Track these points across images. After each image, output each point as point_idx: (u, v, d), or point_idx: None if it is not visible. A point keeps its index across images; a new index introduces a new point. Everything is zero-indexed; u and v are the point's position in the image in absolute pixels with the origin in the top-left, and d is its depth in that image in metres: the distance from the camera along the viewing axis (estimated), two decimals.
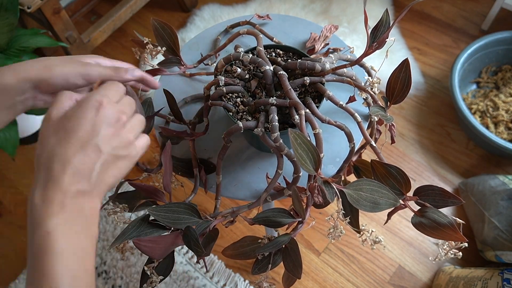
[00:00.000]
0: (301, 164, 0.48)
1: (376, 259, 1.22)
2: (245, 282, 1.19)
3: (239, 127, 0.55)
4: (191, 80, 0.77)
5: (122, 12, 1.52)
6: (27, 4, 1.17)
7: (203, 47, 0.82)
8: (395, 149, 1.41)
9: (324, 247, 1.25)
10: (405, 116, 1.47)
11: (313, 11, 1.74)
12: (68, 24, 1.34)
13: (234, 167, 0.67)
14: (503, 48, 1.43)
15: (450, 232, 0.49)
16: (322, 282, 1.20)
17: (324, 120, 0.57)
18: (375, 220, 1.28)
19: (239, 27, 0.83)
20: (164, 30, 0.63)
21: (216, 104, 0.59)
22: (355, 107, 0.69)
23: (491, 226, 1.10)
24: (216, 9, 1.80)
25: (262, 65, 0.58)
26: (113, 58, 0.51)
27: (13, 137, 1.25)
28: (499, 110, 1.36)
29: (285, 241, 0.53)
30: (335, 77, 0.63)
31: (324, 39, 0.77)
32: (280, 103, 0.56)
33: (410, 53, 1.61)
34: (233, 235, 1.29)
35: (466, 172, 1.34)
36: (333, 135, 0.68)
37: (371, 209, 0.48)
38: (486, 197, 1.16)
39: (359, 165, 0.64)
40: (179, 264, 1.23)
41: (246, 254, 0.57)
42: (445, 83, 1.53)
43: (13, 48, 1.19)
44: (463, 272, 1.08)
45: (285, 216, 0.54)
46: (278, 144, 0.54)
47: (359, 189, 0.49)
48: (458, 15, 1.71)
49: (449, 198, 0.51)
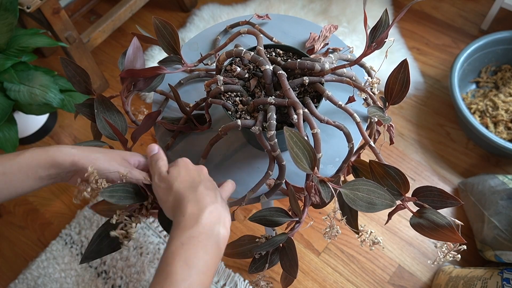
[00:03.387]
0: (296, 163, 0.48)
1: (376, 259, 1.22)
2: (244, 282, 1.19)
3: (237, 124, 0.55)
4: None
5: (121, 12, 1.52)
6: (27, 4, 1.17)
7: (202, 46, 0.82)
8: (395, 149, 1.41)
9: (324, 247, 1.25)
10: (404, 116, 1.47)
11: (313, 11, 1.74)
12: (67, 24, 1.34)
13: (233, 166, 0.67)
14: (502, 48, 1.43)
15: (448, 233, 0.49)
16: (322, 282, 1.20)
17: (323, 120, 0.57)
18: (375, 220, 1.28)
19: (239, 27, 0.83)
20: (165, 28, 0.64)
21: (215, 103, 0.59)
22: (355, 108, 0.69)
23: (490, 226, 1.10)
24: (216, 9, 1.80)
25: (262, 64, 0.58)
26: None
27: (13, 137, 1.25)
28: (498, 110, 1.36)
29: (281, 240, 0.53)
30: (335, 77, 0.63)
31: (323, 39, 0.77)
32: (278, 103, 0.56)
33: (410, 53, 1.61)
34: (233, 235, 1.29)
35: (465, 172, 1.34)
36: (333, 135, 0.68)
37: (367, 209, 0.48)
38: (485, 197, 1.16)
39: (358, 165, 0.64)
40: None
41: (244, 253, 0.57)
42: (444, 83, 1.53)
43: (13, 48, 1.19)
44: (462, 272, 1.08)
45: (282, 216, 0.54)
46: (272, 143, 0.55)
47: (355, 189, 0.49)
48: (457, 15, 1.71)
49: (448, 199, 0.51)
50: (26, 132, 1.48)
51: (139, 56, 0.61)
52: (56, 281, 1.23)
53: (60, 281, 1.23)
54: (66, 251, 1.27)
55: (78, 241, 1.29)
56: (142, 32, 0.68)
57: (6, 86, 1.18)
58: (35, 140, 1.52)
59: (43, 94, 1.18)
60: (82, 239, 1.29)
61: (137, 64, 0.61)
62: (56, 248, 1.28)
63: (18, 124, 1.29)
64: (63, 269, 1.25)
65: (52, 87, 1.20)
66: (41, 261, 1.26)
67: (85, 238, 1.29)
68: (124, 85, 0.61)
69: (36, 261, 1.26)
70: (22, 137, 1.48)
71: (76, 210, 1.36)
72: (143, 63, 0.63)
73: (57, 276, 1.23)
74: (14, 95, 1.18)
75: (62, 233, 1.31)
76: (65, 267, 1.25)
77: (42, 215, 1.38)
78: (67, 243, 1.29)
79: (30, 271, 1.25)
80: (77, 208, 1.37)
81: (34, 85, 1.19)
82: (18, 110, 1.28)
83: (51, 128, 1.55)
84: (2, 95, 1.18)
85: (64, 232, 1.31)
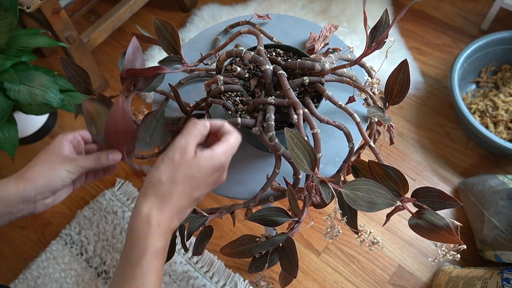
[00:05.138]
0: (297, 163, 0.48)
1: (375, 259, 1.22)
2: (244, 282, 1.19)
3: (237, 122, 0.55)
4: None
5: (121, 12, 1.52)
6: (27, 4, 1.17)
7: (202, 46, 0.82)
8: (395, 149, 1.41)
9: (324, 247, 1.25)
10: (404, 116, 1.47)
11: (313, 11, 1.74)
12: (67, 24, 1.34)
13: (233, 167, 0.67)
14: (502, 48, 1.43)
15: (447, 234, 0.49)
16: (322, 282, 1.20)
17: (323, 120, 0.57)
18: (375, 220, 1.28)
19: (239, 27, 0.83)
20: (165, 28, 0.64)
21: (215, 102, 0.59)
22: (355, 108, 0.69)
23: (490, 226, 1.10)
24: (216, 9, 1.80)
25: (262, 64, 0.58)
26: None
27: (13, 137, 1.25)
28: (498, 110, 1.36)
29: (281, 239, 0.53)
30: (335, 77, 0.63)
31: (323, 39, 0.77)
32: (278, 103, 0.56)
33: (410, 53, 1.61)
34: (233, 235, 1.29)
35: (465, 172, 1.34)
36: (333, 135, 0.68)
37: (368, 209, 0.48)
38: (485, 197, 1.16)
39: (358, 165, 0.64)
40: (179, 264, 1.23)
41: (244, 253, 0.57)
42: (444, 83, 1.53)
43: (13, 48, 1.19)
44: (462, 271, 1.08)
45: (281, 215, 0.54)
46: (273, 143, 0.55)
47: (356, 189, 0.49)
48: (457, 15, 1.71)
49: (447, 200, 0.51)
50: (26, 132, 1.48)
51: (138, 55, 0.61)
52: (56, 281, 1.23)
53: (60, 281, 1.23)
54: (66, 251, 1.27)
55: (78, 241, 1.29)
56: (142, 32, 0.68)
57: (6, 86, 1.18)
58: (35, 140, 1.52)
59: (43, 94, 1.18)
60: (82, 239, 1.29)
61: (136, 64, 0.62)
62: (56, 248, 1.28)
63: (18, 124, 1.29)
64: (63, 269, 1.25)
65: (52, 87, 1.20)
66: (41, 261, 1.26)
67: (85, 238, 1.29)
68: (124, 85, 0.61)
69: (36, 261, 1.26)
70: (22, 137, 1.48)
71: (76, 210, 1.36)
72: (142, 63, 0.63)
73: (57, 276, 1.23)
74: (14, 95, 1.18)
75: (62, 233, 1.31)
76: (65, 267, 1.25)
77: (42, 215, 1.38)
78: (67, 243, 1.29)
79: (30, 271, 1.25)
80: (77, 208, 1.37)
81: (34, 85, 1.19)
82: (18, 110, 1.28)
83: (51, 128, 1.55)
84: (2, 95, 1.18)
85: (64, 232, 1.31)
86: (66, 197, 0.54)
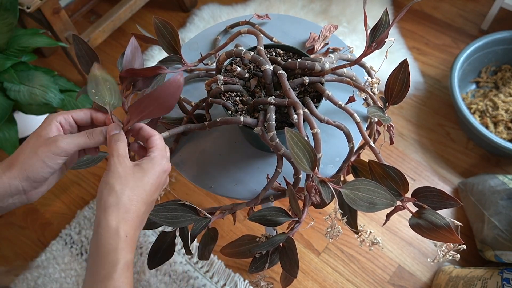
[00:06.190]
0: (297, 163, 0.48)
1: (375, 259, 1.22)
2: (244, 282, 1.19)
3: (240, 120, 0.55)
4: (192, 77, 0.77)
5: (121, 12, 1.52)
6: (27, 4, 1.17)
7: (202, 46, 0.82)
8: (395, 149, 1.41)
9: (324, 247, 1.25)
10: (404, 115, 1.47)
11: (313, 11, 1.74)
12: (67, 24, 1.34)
13: (234, 167, 0.67)
14: (502, 48, 1.43)
15: (447, 234, 0.49)
16: (322, 282, 1.20)
17: (323, 120, 0.57)
18: (375, 220, 1.28)
19: (239, 27, 0.83)
20: (165, 28, 0.64)
21: (215, 102, 0.59)
22: (355, 108, 0.69)
23: (490, 226, 1.10)
24: (216, 9, 1.80)
25: (262, 64, 0.58)
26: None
27: (13, 137, 1.25)
28: (498, 110, 1.36)
29: (281, 239, 0.53)
30: (335, 77, 0.63)
31: (323, 39, 0.77)
32: (278, 102, 0.56)
33: (410, 53, 1.61)
34: (233, 235, 1.29)
35: (465, 172, 1.34)
36: (333, 135, 0.68)
37: (368, 209, 0.48)
38: (485, 197, 1.16)
39: (358, 165, 0.64)
40: (179, 264, 1.23)
41: (244, 253, 0.57)
42: (444, 83, 1.53)
43: (13, 48, 1.19)
44: (462, 271, 1.08)
45: (281, 215, 0.54)
46: (274, 143, 0.55)
47: (356, 189, 0.49)
48: (457, 15, 1.71)
49: (447, 200, 0.51)
50: (26, 132, 1.48)
51: (137, 56, 0.61)
52: (56, 281, 1.23)
53: (60, 281, 1.23)
54: (66, 251, 1.28)
55: (78, 241, 1.29)
56: (143, 32, 0.68)
57: (6, 86, 1.18)
58: None
59: (43, 94, 1.18)
60: (82, 239, 1.29)
61: (135, 64, 0.61)
62: (56, 248, 1.28)
63: (18, 124, 1.29)
64: (63, 269, 1.25)
65: (52, 87, 1.20)
66: (41, 261, 1.26)
67: (85, 238, 1.29)
68: (124, 85, 0.61)
69: (36, 261, 1.26)
70: (22, 137, 1.48)
71: (76, 210, 1.36)
72: (141, 63, 0.63)
73: (57, 276, 1.23)
74: (14, 95, 1.18)
75: (62, 233, 1.31)
76: (65, 267, 1.25)
77: (42, 215, 1.38)
78: (67, 243, 1.29)
79: (30, 271, 1.25)
80: (77, 208, 1.37)
81: (34, 85, 1.19)
82: (18, 110, 1.28)
83: None
84: (2, 95, 1.18)
85: (64, 232, 1.31)
86: (62, 177, 0.52)
